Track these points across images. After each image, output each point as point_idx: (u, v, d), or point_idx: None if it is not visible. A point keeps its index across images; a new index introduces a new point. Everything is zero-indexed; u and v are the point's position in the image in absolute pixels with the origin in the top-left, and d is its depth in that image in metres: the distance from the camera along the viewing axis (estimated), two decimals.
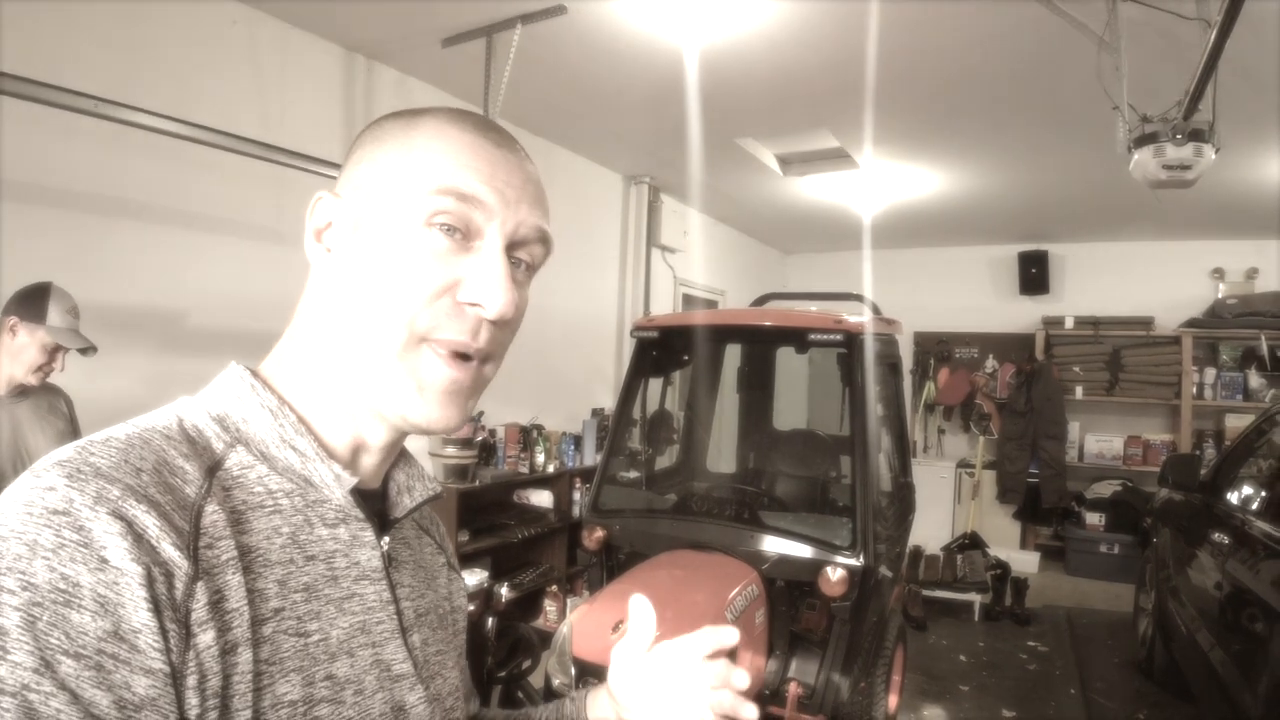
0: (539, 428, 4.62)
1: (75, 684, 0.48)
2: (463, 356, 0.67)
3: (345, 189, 0.71)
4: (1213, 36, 2.13)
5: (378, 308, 0.65)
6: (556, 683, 2.52)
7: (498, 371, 0.72)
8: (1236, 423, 6.34)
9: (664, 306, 6.29)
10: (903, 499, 4.20)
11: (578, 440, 4.96)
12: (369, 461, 0.72)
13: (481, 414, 4.31)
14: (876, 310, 4.24)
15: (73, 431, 2.38)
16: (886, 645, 3.60)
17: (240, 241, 3.25)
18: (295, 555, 0.63)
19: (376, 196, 0.68)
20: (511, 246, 0.69)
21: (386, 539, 0.72)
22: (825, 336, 3.48)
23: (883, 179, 5.60)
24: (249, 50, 3.28)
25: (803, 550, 3.17)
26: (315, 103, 3.58)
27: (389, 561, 0.72)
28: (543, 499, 4.69)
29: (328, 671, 0.63)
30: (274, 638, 0.60)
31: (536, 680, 2.76)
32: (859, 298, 4.53)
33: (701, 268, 6.96)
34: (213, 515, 0.58)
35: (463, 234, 0.67)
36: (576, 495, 4.75)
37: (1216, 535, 3.49)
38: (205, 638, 0.54)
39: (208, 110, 2.93)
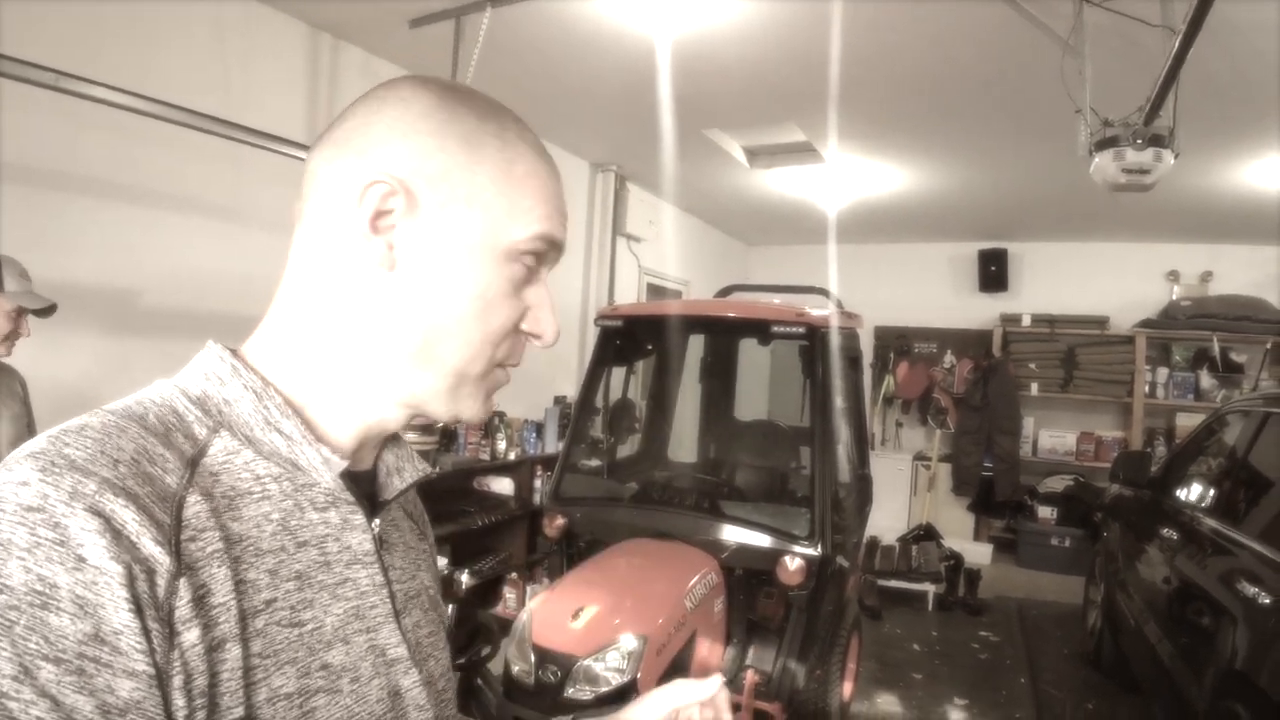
0: (500, 415, 4.60)
1: (56, 690, 0.47)
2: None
3: (410, 177, 0.65)
4: (1176, 44, 2.17)
5: (471, 340, 0.67)
6: (516, 670, 2.52)
7: None
8: (1187, 422, 6.49)
9: (629, 296, 6.29)
10: (861, 490, 4.25)
11: (539, 428, 4.95)
12: (368, 445, 0.71)
13: None
14: (839, 304, 4.28)
15: (28, 414, 2.32)
16: (842, 634, 3.65)
17: (197, 220, 3.18)
18: (287, 542, 0.62)
19: (471, 215, 0.66)
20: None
21: (377, 521, 0.71)
22: (788, 329, 3.51)
23: (847, 174, 5.64)
24: (212, 25, 3.21)
25: (762, 539, 3.20)
26: (278, 81, 3.51)
27: (380, 544, 0.71)
28: (503, 486, 4.67)
29: (323, 660, 0.62)
30: (267, 630, 0.58)
31: (496, 667, 2.77)
32: (822, 291, 4.57)
33: (666, 258, 6.96)
34: (195, 506, 0.56)
35: (534, 271, 0.70)
36: (537, 483, 4.74)
37: (1165, 531, 3.59)
38: (190, 636, 0.53)
39: (167, 85, 2.85)
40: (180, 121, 2.73)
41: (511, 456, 4.60)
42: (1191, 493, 3.59)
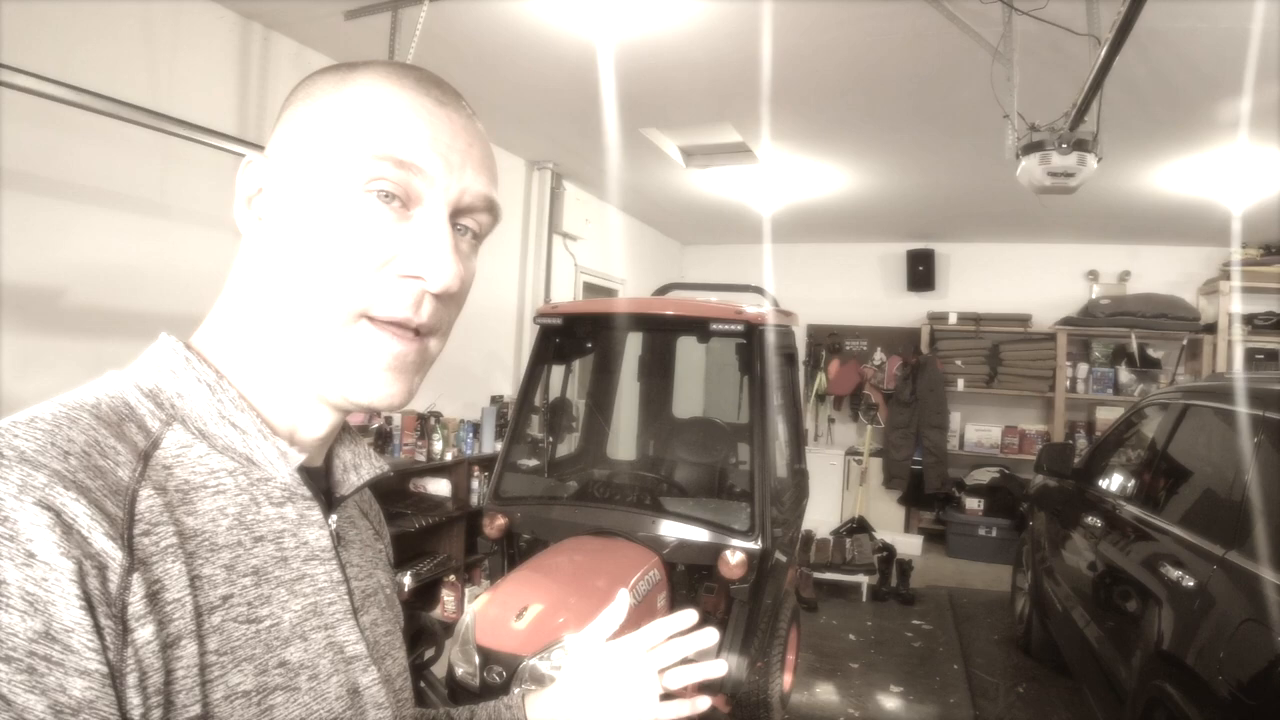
0: (437, 415, 4.54)
1: (6, 689, 0.45)
2: (405, 330, 0.64)
3: (276, 150, 0.66)
4: (1102, 53, 2.27)
5: (314, 282, 0.62)
6: (460, 672, 2.49)
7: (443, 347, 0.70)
8: (1106, 415, 6.79)
9: (565, 294, 6.27)
10: (798, 485, 4.32)
11: (476, 428, 4.90)
12: (311, 438, 0.69)
13: None
14: (775, 303, 4.34)
15: None
16: (781, 626, 3.70)
17: (124, 214, 3.06)
18: (243, 537, 0.61)
19: (308, 159, 0.64)
20: (456, 214, 0.66)
21: (334, 517, 0.70)
22: (727, 327, 3.55)
23: (781, 174, 5.72)
24: (140, 13, 3.08)
25: (703, 534, 3.23)
26: (208, 72, 3.40)
27: (337, 540, 0.70)
28: (440, 487, 4.61)
29: (281, 658, 0.61)
30: (224, 626, 0.57)
31: (440, 669, 2.73)
32: (758, 290, 4.63)
33: (603, 256, 6.96)
34: (148, 500, 0.55)
35: (401, 201, 0.63)
36: (475, 484, 4.69)
37: (1089, 519, 3.73)
38: (144, 633, 0.51)
39: (92, 74, 2.73)
40: (105, 111, 2.62)
41: (448, 457, 4.55)
42: (1113, 482, 3.74)
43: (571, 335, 3.97)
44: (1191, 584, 2.44)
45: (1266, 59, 3.01)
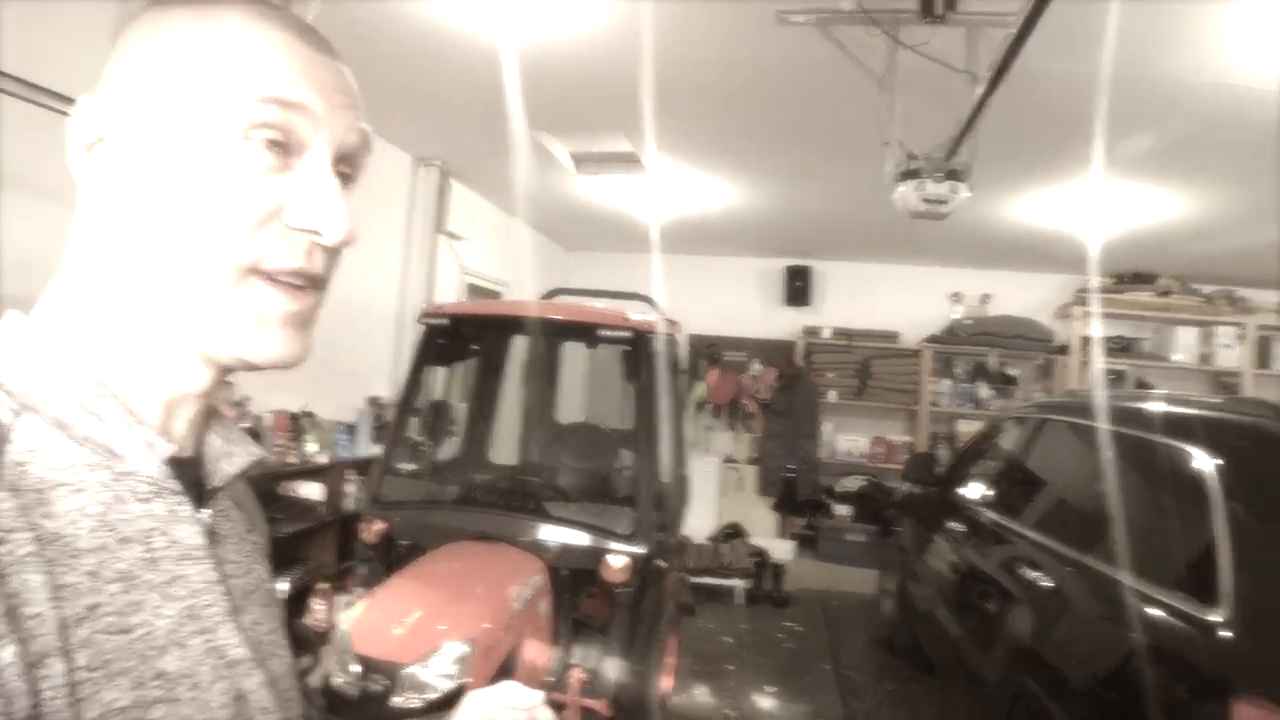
0: (310, 416, 4.35)
1: None
2: (300, 281, 0.61)
3: (118, 93, 0.59)
4: (980, 92, 2.42)
5: (195, 240, 0.57)
6: (338, 682, 2.40)
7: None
8: (966, 428, 7.20)
9: (448, 295, 6.13)
10: (679, 491, 4.39)
11: (351, 430, 4.72)
12: (182, 419, 0.63)
13: (246, 399, 4.00)
14: (661, 312, 4.40)
15: None
16: (662, 629, 3.75)
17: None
18: (108, 539, 0.55)
19: (170, 103, 0.58)
20: (339, 160, 0.62)
21: (208, 512, 0.64)
22: (616, 333, 3.57)
23: (668, 185, 5.80)
24: None
25: (587, 539, 3.23)
26: (87, 45, 3.15)
27: (211, 537, 0.64)
28: (312, 491, 4.41)
29: (157, 668, 0.55)
30: (93, 640, 0.51)
31: (317, 678, 2.62)
32: (646, 298, 4.67)
33: (487, 258, 6.87)
34: (0, 503, 0.49)
35: (284, 149, 0.59)
36: (349, 488, 4.52)
37: (952, 524, 3.95)
38: (4, 654, 0.46)
39: None
40: None
41: (322, 460, 4.36)
42: (974, 490, 3.98)
43: (457, 337, 3.91)
44: (1049, 585, 2.63)
45: (1124, 102, 3.29)
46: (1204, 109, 3.52)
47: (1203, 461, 2.17)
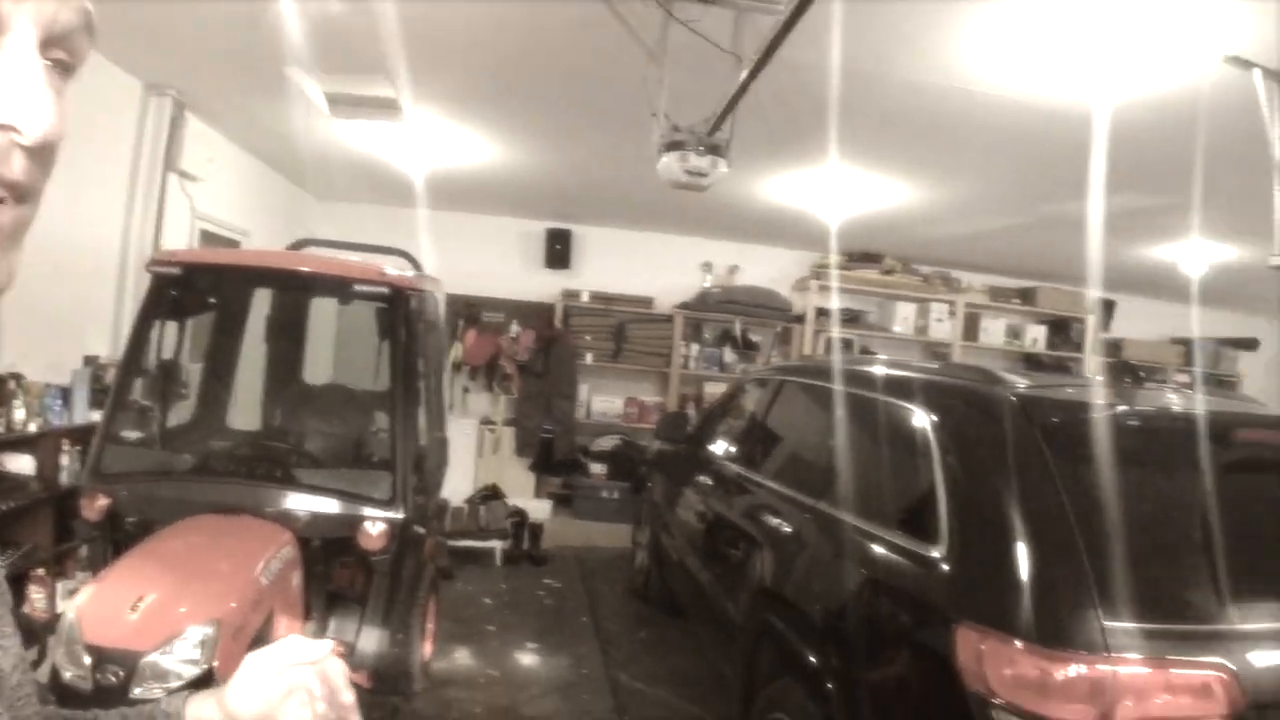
0: (17, 377, 3.76)
1: None
2: None
3: None
4: (745, 74, 2.54)
5: None
6: (68, 675, 2.15)
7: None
8: (713, 389, 7.70)
9: (178, 241, 5.52)
10: (438, 453, 4.31)
11: (66, 393, 4.13)
12: None
13: None
14: (420, 268, 4.27)
15: None
16: (421, 596, 3.69)
17: None
18: None
19: None
20: (48, 44, 0.52)
21: None
22: (372, 289, 3.43)
23: (429, 137, 5.59)
24: None
25: (340, 506, 3.10)
26: None
27: None
28: (23, 465, 3.83)
29: None
30: None
31: (45, 673, 2.33)
32: (405, 254, 4.52)
33: (225, 203, 6.26)
34: None
35: None
36: (65, 460, 3.98)
37: (700, 478, 4.22)
38: None
39: None
40: None
41: (32, 428, 3.78)
42: (721, 447, 4.27)
43: (191, 289, 3.57)
44: (788, 530, 2.89)
45: (870, 97, 3.58)
46: (942, 109, 3.95)
47: (922, 418, 2.48)
